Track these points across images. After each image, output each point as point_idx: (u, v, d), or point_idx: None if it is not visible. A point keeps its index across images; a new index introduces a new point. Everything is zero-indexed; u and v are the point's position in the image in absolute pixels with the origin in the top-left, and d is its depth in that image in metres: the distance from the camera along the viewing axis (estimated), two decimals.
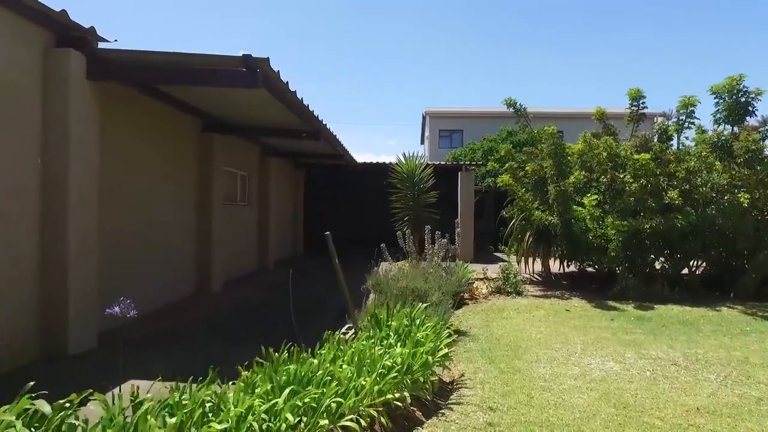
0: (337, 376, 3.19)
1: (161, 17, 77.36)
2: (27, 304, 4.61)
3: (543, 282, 10.54)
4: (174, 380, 3.02)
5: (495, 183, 10.50)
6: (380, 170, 12.11)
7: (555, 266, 10.91)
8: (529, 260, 10.77)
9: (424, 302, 5.49)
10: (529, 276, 10.86)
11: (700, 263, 9.81)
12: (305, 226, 17.05)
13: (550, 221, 9.37)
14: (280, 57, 76.24)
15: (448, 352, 4.23)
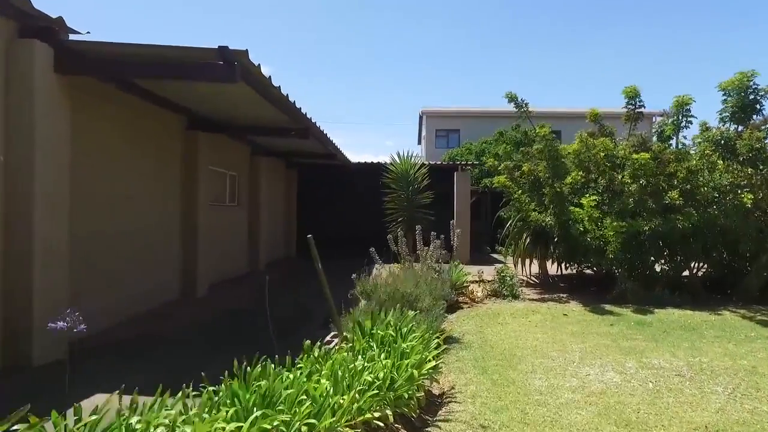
0: (311, 393, 2.91)
1: (156, 14, 77.00)
2: None
3: (540, 284, 10.27)
4: (141, 394, 2.78)
5: (491, 183, 10.20)
6: (376, 170, 11.86)
7: (552, 268, 10.64)
8: (526, 262, 10.51)
9: (414, 308, 5.21)
10: (525, 278, 10.60)
11: (700, 265, 9.55)
12: (299, 227, 16.76)
13: (547, 222, 9.10)
14: (279, 55, 75.94)
15: (437, 364, 3.95)
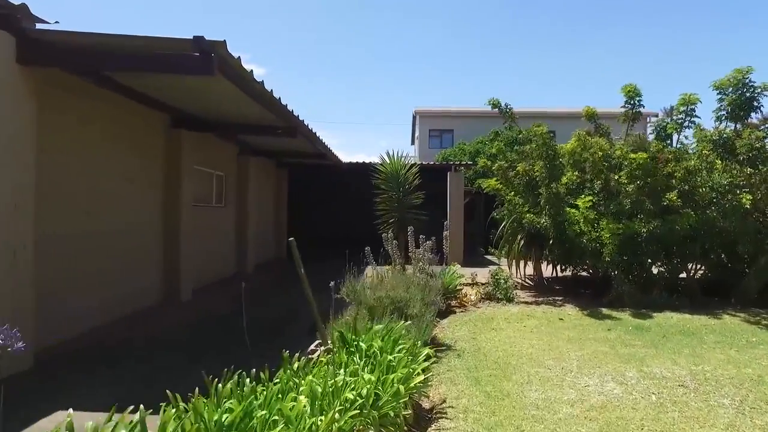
0: (286, 414, 2.62)
1: (154, 14, 76.30)
2: None
3: (535, 287, 10.04)
4: (105, 409, 2.53)
5: (484, 187, 9.97)
6: (368, 170, 11.63)
7: (547, 270, 10.41)
8: (521, 264, 10.27)
9: (404, 314, 4.94)
10: (520, 280, 10.36)
11: (698, 267, 9.35)
12: (291, 227, 16.46)
13: (542, 224, 8.86)
14: (277, 55, 75.45)
15: (426, 378, 3.68)
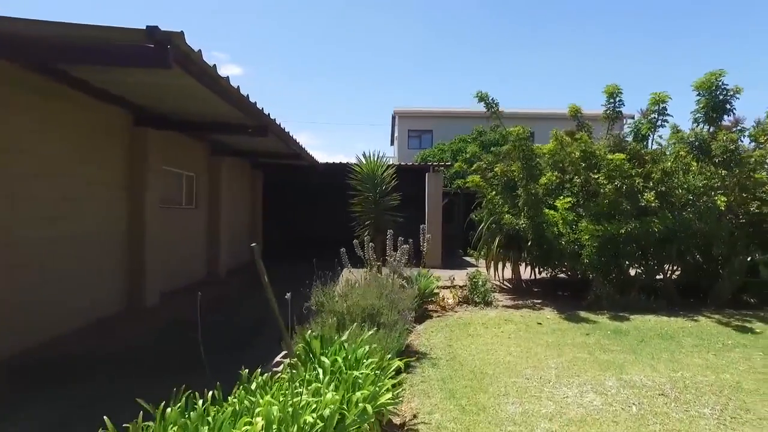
0: None
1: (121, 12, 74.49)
2: None
3: (513, 289, 9.91)
4: None
5: (464, 184, 9.82)
6: (346, 171, 11.41)
7: (526, 272, 10.31)
8: (499, 266, 10.13)
9: (376, 323, 4.70)
10: (498, 283, 10.23)
11: (674, 269, 9.36)
12: (267, 229, 16.09)
13: (521, 226, 8.73)
14: (252, 55, 74.43)
15: (397, 393, 3.45)
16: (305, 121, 73.16)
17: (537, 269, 10.11)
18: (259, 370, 3.32)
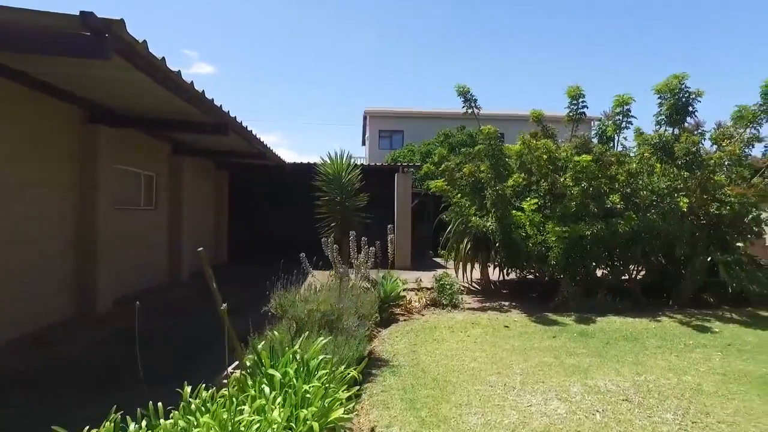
0: None
1: None
2: None
3: (482, 291, 9.85)
4: None
5: (428, 188, 9.72)
6: (313, 171, 11.16)
7: (494, 273, 10.26)
8: (467, 267, 10.04)
9: (336, 329, 4.49)
10: (467, 284, 10.14)
11: (639, 269, 9.45)
12: (233, 231, 15.65)
13: (488, 227, 8.65)
14: (222, 54, 72.90)
15: (352, 407, 3.25)
16: (277, 121, 72.16)
17: (505, 270, 10.08)
18: (203, 385, 3.07)
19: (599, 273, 9.07)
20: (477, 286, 10.18)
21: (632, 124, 9.44)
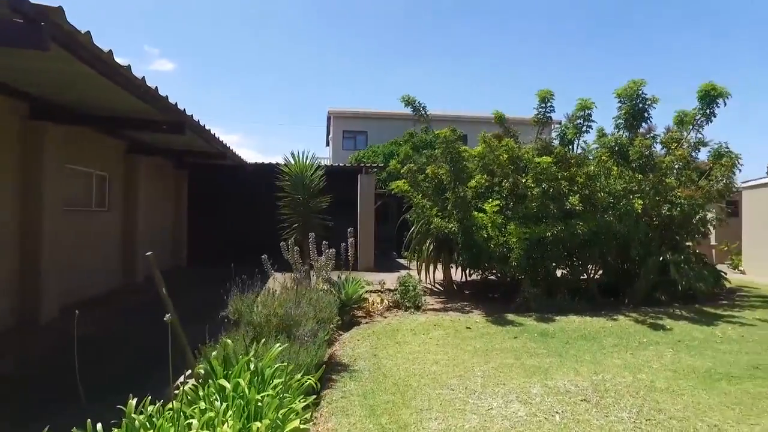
0: None
1: None
2: None
3: (444, 292, 9.88)
4: None
5: (391, 189, 9.71)
6: (276, 172, 10.95)
7: (457, 274, 10.32)
8: (430, 268, 10.06)
9: (293, 335, 4.37)
10: (430, 286, 10.16)
11: (597, 269, 9.70)
12: (194, 233, 15.17)
13: (450, 229, 8.68)
14: (186, 52, 70.77)
15: (311, 414, 3.14)
16: (242, 121, 70.67)
17: (468, 271, 10.15)
18: (149, 398, 2.90)
19: (559, 273, 9.25)
20: (440, 287, 10.21)
21: (592, 128, 9.71)
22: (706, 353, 5.75)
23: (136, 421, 2.58)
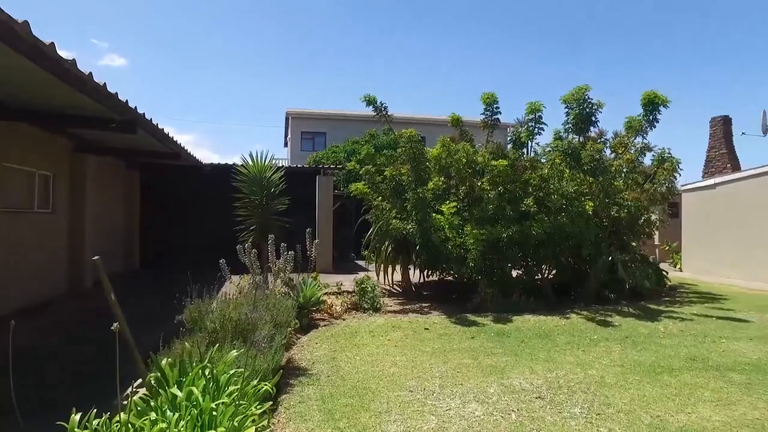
0: None
1: None
2: None
3: (403, 293, 9.93)
4: None
5: (350, 191, 9.71)
6: (233, 173, 10.70)
7: (415, 275, 10.40)
8: (389, 270, 10.10)
9: (249, 340, 4.28)
10: (388, 287, 10.20)
11: (551, 269, 10.01)
12: (147, 235, 14.62)
13: (409, 230, 8.75)
14: (138, 48, 68.03)
15: (268, 421, 3.08)
16: (199, 121, 68.63)
17: (426, 272, 10.26)
18: (94, 411, 2.76)
19: (515, 274, 9.49)
20: (398, 289, 10.27)
21: (543, 130, 10.04)
22: (651, 348, 6.04)
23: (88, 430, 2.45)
